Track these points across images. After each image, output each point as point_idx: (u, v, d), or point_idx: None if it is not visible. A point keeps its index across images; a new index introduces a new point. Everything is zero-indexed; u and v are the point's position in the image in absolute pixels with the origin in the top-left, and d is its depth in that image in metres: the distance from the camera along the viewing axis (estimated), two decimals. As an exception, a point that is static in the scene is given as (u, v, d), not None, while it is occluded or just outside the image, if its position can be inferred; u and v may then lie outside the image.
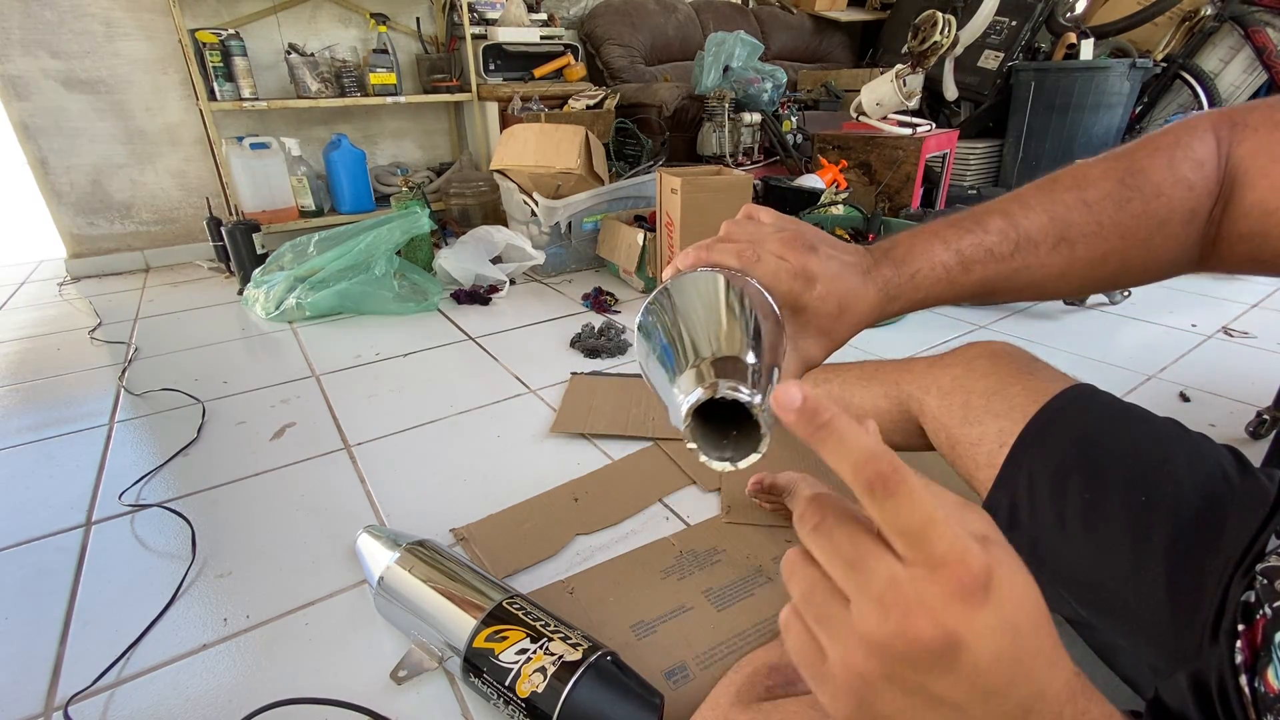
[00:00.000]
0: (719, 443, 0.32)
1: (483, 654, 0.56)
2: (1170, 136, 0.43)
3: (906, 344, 1.36)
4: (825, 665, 0.23)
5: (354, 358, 1.37)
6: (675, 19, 2.83)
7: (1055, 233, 0.42)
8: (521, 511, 0.86)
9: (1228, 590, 0.39)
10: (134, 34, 1.99)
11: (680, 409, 0.30)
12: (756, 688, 0.49)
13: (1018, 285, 0.44)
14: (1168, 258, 0.44)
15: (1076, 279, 0.44)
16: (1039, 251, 0.42)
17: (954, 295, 0.43)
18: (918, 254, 0.42)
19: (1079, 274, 0.43)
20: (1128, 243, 0.42)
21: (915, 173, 1.98)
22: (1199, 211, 0.42)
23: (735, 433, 0.31)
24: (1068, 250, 0.42)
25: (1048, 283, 0.44)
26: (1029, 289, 0.44)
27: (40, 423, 1.14)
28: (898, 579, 0.22)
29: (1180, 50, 2.55)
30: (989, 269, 0.42)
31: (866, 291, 0.41)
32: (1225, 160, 0.42)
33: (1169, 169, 0.41)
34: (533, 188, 1.83)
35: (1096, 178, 0.43)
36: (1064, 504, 0.50)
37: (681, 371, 0.31)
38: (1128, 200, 0.41)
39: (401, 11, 2.35)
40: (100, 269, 2.12)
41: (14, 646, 0.68)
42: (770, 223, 0.42)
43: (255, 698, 0.60)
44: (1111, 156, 0.44)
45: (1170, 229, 0.42)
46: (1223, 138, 0.42)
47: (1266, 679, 0.31)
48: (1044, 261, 0.42)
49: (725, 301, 0.35)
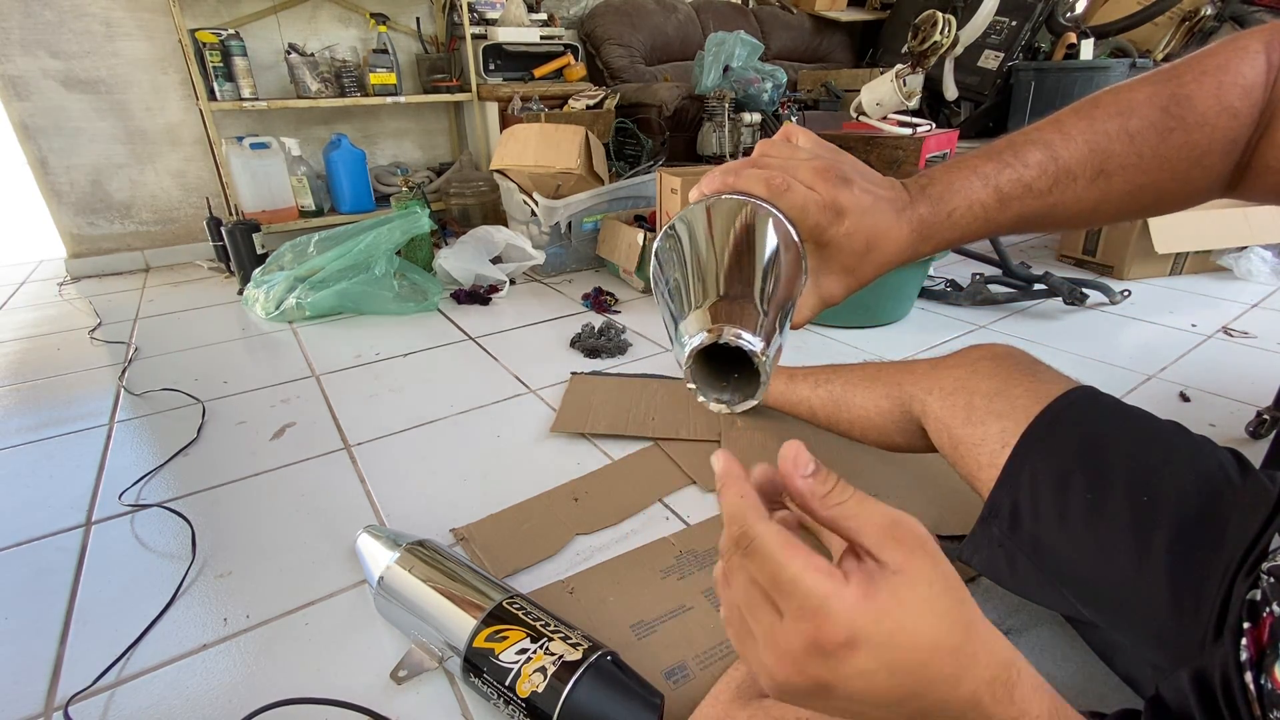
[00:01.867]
0: (718, 384, 0.31)
1: (483, 654, 0.56)
2: (1219, 57, 0.40)
3: (907, 345, 1.36)
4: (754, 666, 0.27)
5: (354, 358, 1.37)
6: (675, 19, 2.83)
7: (1094, 165, 0.40)
8: (521, 511, 0.85)
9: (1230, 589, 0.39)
10: (134, 34, 1.99)
11: (684, 349, 0.29)
12: (757, 684, 0.49)
13: (1051, 220, 0.42)
14: (1201, 187, 0.42)
15: (1110, 212, 0.42)
16: (1076, 185, 0.40)
17: (987, 232, 0.42)
18: (956, 191, 0.40)
19: (1113, 207, 0.42)
20: (1165, 175, 0.40)
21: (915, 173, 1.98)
22: (1240, 140, 0.40)
23: (736, 376, 0.31)
24: (1105, 183, 0.40)
25: (1080, 216, 0.42)
26: (1061, 223, 0.43)
27: (40, 423, 1.14)
28: (774, 629, 0.25)
29: (1180, 50, 2.55)
30: (1025, 205, 0.41)
31: (899, 230, 0.39)
32: (1274, 83, 0.39)
33: (1216, 96, 0.39)
34: (533, 188, 1.82)
35: (1140, 104, 0.40)
36: (1066, 504, 0.50)
37: (689, 310, 0.30)
38: (1170, 130, 0.39)
39: (401, 11, 2.35)
40: (100, 269, 2.12)
41: (14, 646, 0.68)
42: (807, 147, 0.40)
43: (255, 698, 0.60)
44: (1156, 79, 0.41)
45: (1209, 160, 0.40)
46: (1274, 59, 0.39)
47: (1274, 675, 0.31)
48: (1080, 195, 0.41)
49: (744, 237, 0.34)
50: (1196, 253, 1.73)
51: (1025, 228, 0.43)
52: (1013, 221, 0.41)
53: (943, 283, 1.66)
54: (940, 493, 0.82)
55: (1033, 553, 0.52)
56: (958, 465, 0.63)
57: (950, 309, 1.57)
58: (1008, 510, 0.54)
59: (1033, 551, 0.52)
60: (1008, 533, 0.54)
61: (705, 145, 2.23)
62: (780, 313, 0.31)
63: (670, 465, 0.95)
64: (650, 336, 1.43)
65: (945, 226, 0.40)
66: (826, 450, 0.92)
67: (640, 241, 1.63)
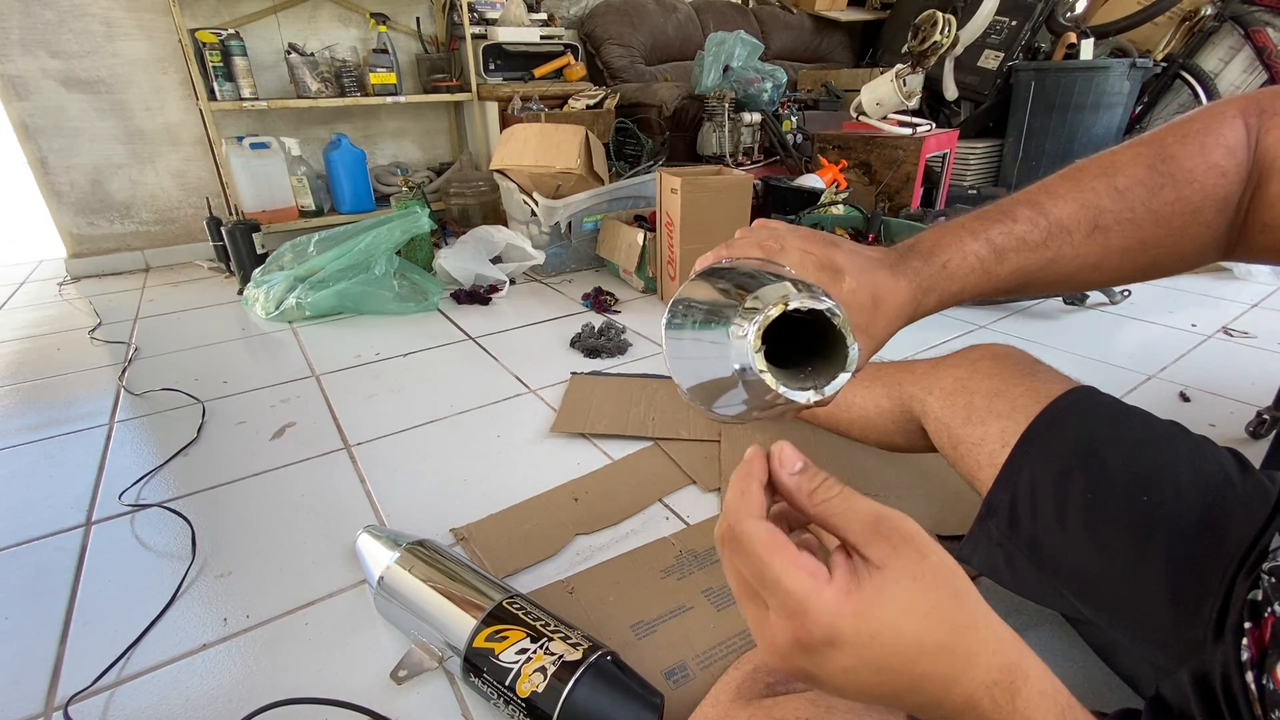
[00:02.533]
0: (793, 380, 0.28)
1: (483, 654, 0.56)
2: (1199, 123, 0.41)
3: (907, 344, 1.36)
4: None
5: (354, 358, 1.37)
6: (675, 19, 2.83)
7: (1088, 220, 0.41)
8: (521, 511, 0.85)
9: (1231, 589, 0.39)
10: (134, 34, 1.99)
11: (747, 337, 0.26)
12: (758, 684, 0.49)
13: (1052, 276, 0.42)
14: (1199, 246, 0.42)
15: (1112, 269, 0.43)
16: (1073, 240, 0.41)
17: (990, 287, 0.42)
18: (946, 245, 0.41)
19: (1114, 263, 0.42)
20: (1162, 230, 0.41)
21: (915, 173, 1.98)
22: (1231, 199, 0.41)
23: (810, 368, 0.28)
24: (1102, 238, 0.41)
25: (1082, 272, 0.42)
26: (1064, 280, 0.43)
27: (40, 423, 1.14)
28: (761, 622, 0.27)
29: (1180, 50, 2.55)
30: (1023, 258, 0.41)
31: (898, 284, 0.39)
32: (1254, 147, 0.40)
33: (1201, 155, 0.40)
34: (533, 187, 1.82)
35: (1125, 164, 0.41)
36: (1066, 503, 0.50)
37: (735, 313, 0.28)
38: (1160, 187, 0.40)
39: (401, 11, 2.35)
40: (100, 269, 2.12)
41: (14, 646, 0.68)
42: (785, 225, 0.41)
43: (255, 698, 0.60)
44: (1138, 143, 0.42)
45: (1204, 216, 0.41)
46: (1251, 124, 0.41)
47: (1276, 676, 0.31)
48: (1078, 250, 0.41)
49: (761, 269, 0.32)
50: (1196, 253, 1.73)
51: (1029, 284, 0.43)
52: (1012, 275, 0.41)
53: (943, 283, 1.65)
54: (940, 493, 0.82)
55: (1031, 552, 0.52)
56: (958, 465, 0.63)
57: (950, 309, 1.57)
58: (1006, 509, 0.54)
59: (1031, 550, 0.52)
60: (1006, 532, 0.54)
61: (705, 145, 2.23)
62: None
63: (670, 465, 0.95)
64: (650, 336, 1.43)
65: (942, 278, 0.41)
66: (827, 450, 0.92)
67: (640, 242, 1.63)
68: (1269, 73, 2.41)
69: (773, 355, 0.27)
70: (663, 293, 1.63)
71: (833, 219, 1.71)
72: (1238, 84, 2.50)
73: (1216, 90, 2.50)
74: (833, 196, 1.82)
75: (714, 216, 1.46)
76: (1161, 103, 2.68)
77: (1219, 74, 2.52)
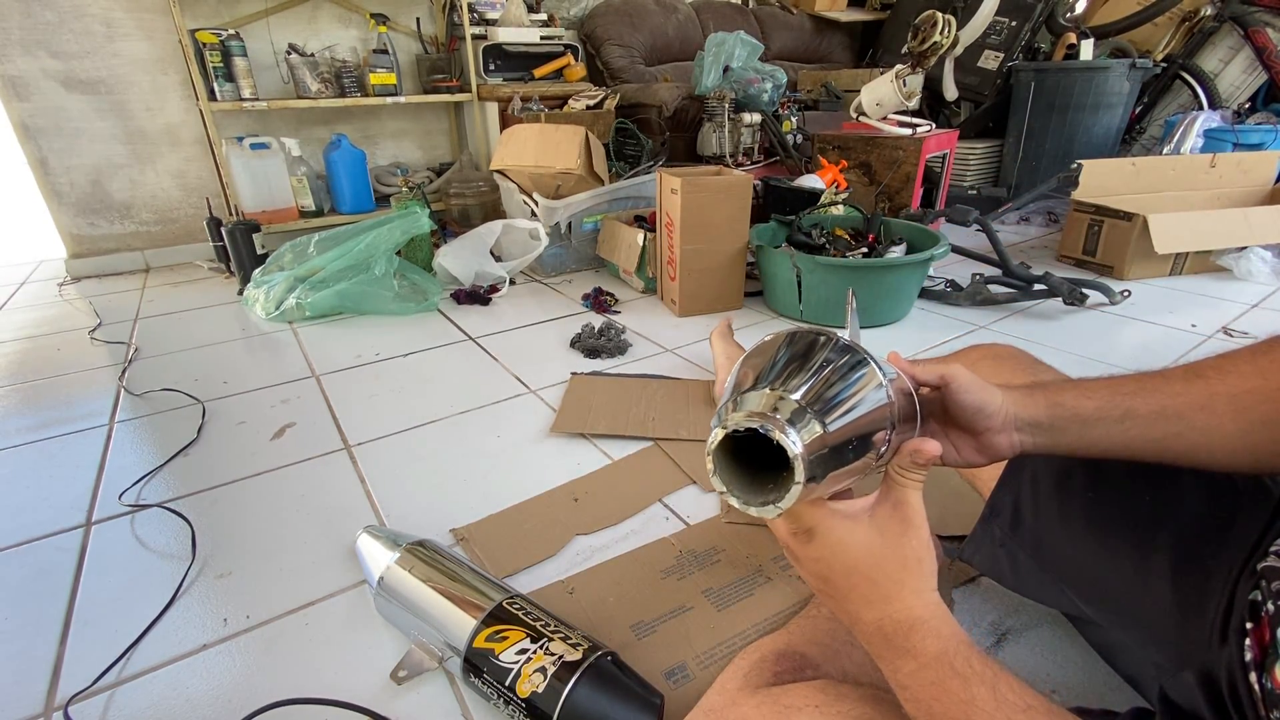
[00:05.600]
0: (764, 488, 0.31)
1: (483, 654, 0.56)
2: None
3: (907, 345, 1.36)
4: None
5: (354, 358, 1.37)
6: (675, 19, 2.83)
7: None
8: (521, 511, 0.85)
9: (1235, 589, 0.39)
10: (134, 34, 1.99)
11: (709, 451, 0.30)
12: (764, 673, 0.49)
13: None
14: None
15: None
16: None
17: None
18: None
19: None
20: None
21: (915, 173, 1.98)
22: None
23: (785, 473, 0.30)
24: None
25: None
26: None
27: (40, 423, 1.14)
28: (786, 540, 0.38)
29: (1180, 50, 2.55)
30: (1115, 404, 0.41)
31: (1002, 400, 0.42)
32: None
33: None
34: (533, 188, 1.82)
35: None
36: (1067, 503, 0.50)
37: (720, 403, 0.31)
38: None
39: (401, 11, 2.35)
40: (100, 269, 2.12)
41: (14, 646, 0.68)
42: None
43: (255, 698, 0.60)
44: None
45: None
46: None
47: (1274, 675, 0.31)
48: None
49: (810, 348, 0.33)
50: (1196, 253, 1.73)
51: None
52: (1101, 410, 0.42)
53: (943, 283, 1.66)
54: (941, 493, 0.82)
55: (1034, 551, 0.52)
56: (958, 465, 0.63)
57: (950, 309, 1.57)
58: (1009, 509, 0.54)
59: (1034, 550, 0.52)
60: (1009, 532, 0.54)
61: (705, 145, 2.23)
62: (849, 429, 0.31)
63: (670, 465, 0.95)
64: (650, 337, 1.43)
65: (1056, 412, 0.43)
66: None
67: (640, 242, 1.63)
68: (1269, 73, 2.41)
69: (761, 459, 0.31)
70: (662, 293, 1.63)
71: (833, 219, 1.71)
72: (1238, 84, 2.51)
73: (1216, 90, 2.50)
74: (833, 197, 1.82)
75: (714, 217, 1.46)
76: (1161, 103, 2.68)
77: (1219, 74, 2.52)
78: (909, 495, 0.35)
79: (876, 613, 0.35)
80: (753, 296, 1.64)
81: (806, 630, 0.56)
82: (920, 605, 0.35)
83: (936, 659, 0.33)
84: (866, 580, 0.35)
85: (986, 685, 0.32)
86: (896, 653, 0.35)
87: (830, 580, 0.36)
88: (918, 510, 0.36)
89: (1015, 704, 0.31)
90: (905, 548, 0.35)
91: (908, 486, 0.35)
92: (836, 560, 0.35)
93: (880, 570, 0.35)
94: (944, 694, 0.33)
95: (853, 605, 0.36)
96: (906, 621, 0.34)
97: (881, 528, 0.35)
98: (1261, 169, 1.94)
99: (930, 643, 0.34)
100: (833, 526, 0.35)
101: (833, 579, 0.36)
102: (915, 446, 0.35)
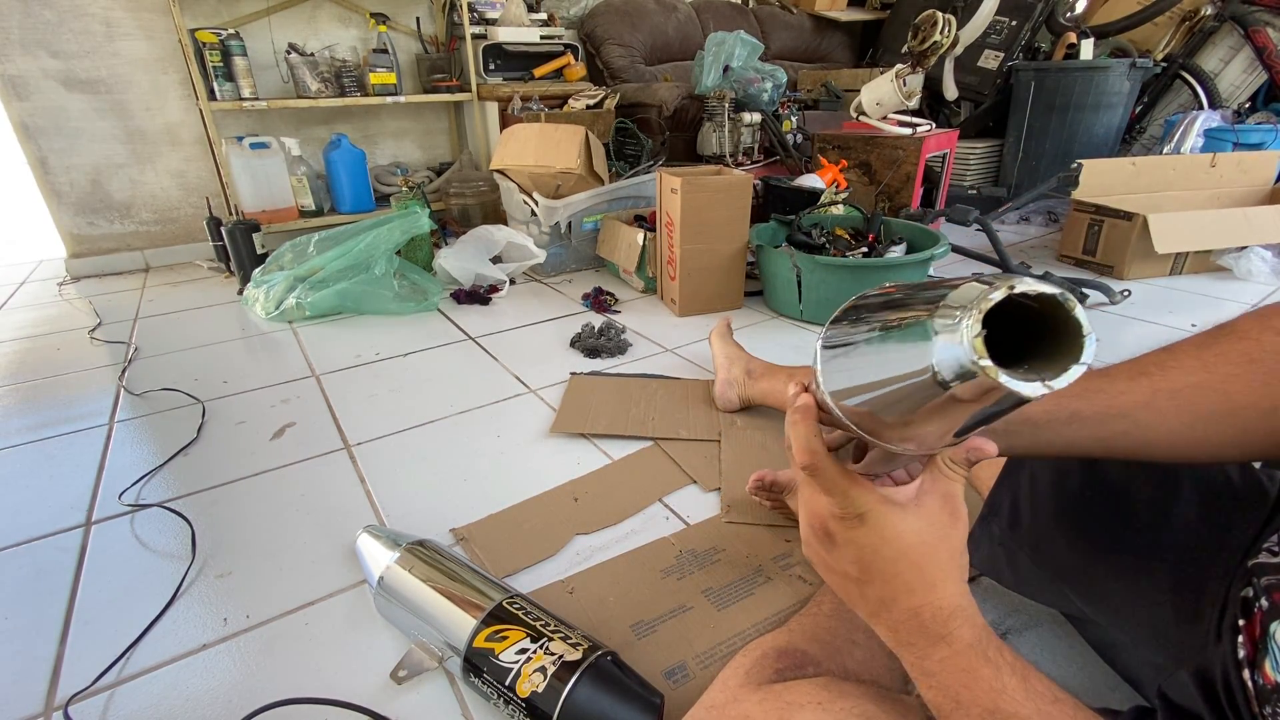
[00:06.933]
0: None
1: (483, 654, 0.56)
2: None
3: (907, 344, 1.36)
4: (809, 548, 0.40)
5: (354, 357, 1.37)
6: (675, 19, 2.83)
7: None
8: (521, 511, 0.85)
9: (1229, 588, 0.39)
10: (134, 34, 1.99)
11: (961, 327, 0.23)
12: (766, 670, 0.49)
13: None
14: None
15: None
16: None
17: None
18: None
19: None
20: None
21: (915, 172, 1.98)
22: None
23: (1024, 366, 0.25)
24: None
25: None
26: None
27: (40, 423, 1.14)
28: (811, 498, 0.38)
29: (1180, 50, 2.55)
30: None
31: None
32: None
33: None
34: (533, 187, 1.82)
35: None
36: (1065, 502, 0.50)
37: (932, 315, 0.25)
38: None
39: (401, 11, 2.35)
40: (100, 269, 2.12)
41: (14, 646, 0.68)
42: None
43: (255, 698, 0.60)
44: None
45: None
46: None
47: (1264, 671, 0.31)
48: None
49: (929, 283, 0.29)
50: (1196, 253, 1.73)
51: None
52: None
53: (943, 282, 1.65)
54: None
55: (1033, 551, 0.52)
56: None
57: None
58: (1007, 508, 0.54)
59: (1033, 550, 0.52)
60: (1008, 531, 0.54)
61: (705, 145, 2.23)
62: None
63: (670, 465, 0.95)
64: (650, 336, 1.43)
65: None
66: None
67: (640, 242, 1.63)
68: (1269, 73, 2.41)
69: None
70: (662, 292, 1.63)
71: (833, 219, 1.71)
72: (1238, 84, 2.50)
73: (1216, 90, 2.50)
74: (833, 196, 1.82)
75: (714, 216, 1.46)
76: (1161, 103, 2.68)
77: (1219, 74, 2.52)
78: (956, 489, 0.36)
79: (918, 600, 0.35)
80: (753, 296, 1.64)
81: (808, 628, 0.56)
82: (960, 594, 0.35)
83: (970, 646, 0.34)
84: (914, 567, 0.35)
85: (1018, 675, 0.33)
86: (930, 640, 0.35)
87: (872, 566, 0.36)
88: (963, 504, 0.36)
89: (1045, 695, 0.32)
90: (954, 539, 0.35)
91: (955, 480, 0.36)
92: (887, 546, 0.35)
93: (930, 559, 0.35)
94: (975, 681, 0.33)
95: (890, 591, 0.36)
96: (947, 609, 0.35)
97: (931, 518, 0.35)
98: (1261, 169, 1.94)
99: (966, 630, 0.34)
100: (886, 512, 0.35)
101: (876, 565, 0.36)
102: (978, 444, 0.35)
